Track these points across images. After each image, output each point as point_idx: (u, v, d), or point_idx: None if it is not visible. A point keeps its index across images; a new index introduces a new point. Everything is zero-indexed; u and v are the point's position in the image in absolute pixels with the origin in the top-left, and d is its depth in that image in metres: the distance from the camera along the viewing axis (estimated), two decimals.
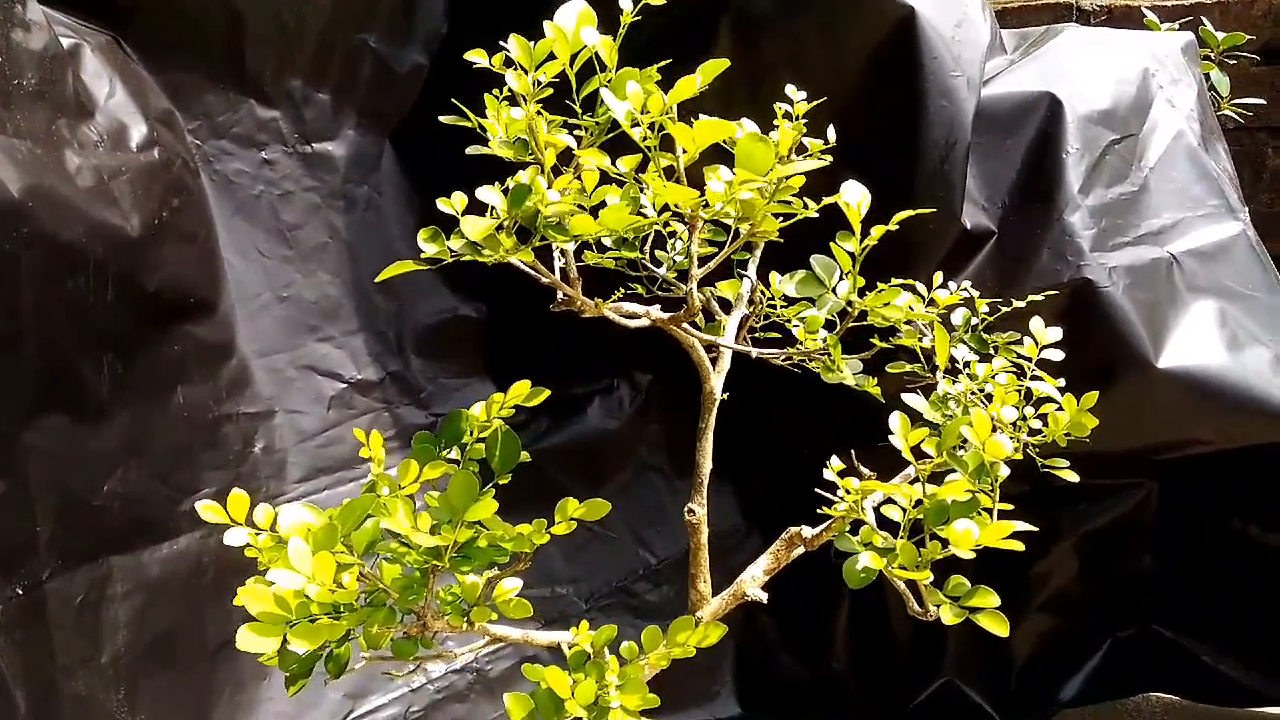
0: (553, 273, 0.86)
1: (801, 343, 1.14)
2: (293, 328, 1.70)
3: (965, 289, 1.14)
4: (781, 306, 1.14)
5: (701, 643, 0.84)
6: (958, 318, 1.15)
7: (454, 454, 0.98)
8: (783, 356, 1.16)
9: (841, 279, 0.75)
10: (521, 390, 0.95)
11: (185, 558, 1.47)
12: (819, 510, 0.87)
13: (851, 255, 0.73)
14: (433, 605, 0.84)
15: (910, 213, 0.74)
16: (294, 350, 1.70)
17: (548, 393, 0.95)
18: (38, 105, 1.31)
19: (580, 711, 0.78)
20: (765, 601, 0.99)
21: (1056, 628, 1.67)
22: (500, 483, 0.98)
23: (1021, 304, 1.13)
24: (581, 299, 0.83)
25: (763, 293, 1.10)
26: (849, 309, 0.77)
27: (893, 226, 0.74)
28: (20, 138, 1.25)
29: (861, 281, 0.75)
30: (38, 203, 1.24)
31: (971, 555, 0.69)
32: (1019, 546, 0.68)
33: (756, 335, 1.16)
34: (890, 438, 0.72)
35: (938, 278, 1.14)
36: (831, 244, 0.75)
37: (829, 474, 0.80)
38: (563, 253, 0.83)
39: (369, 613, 0.78)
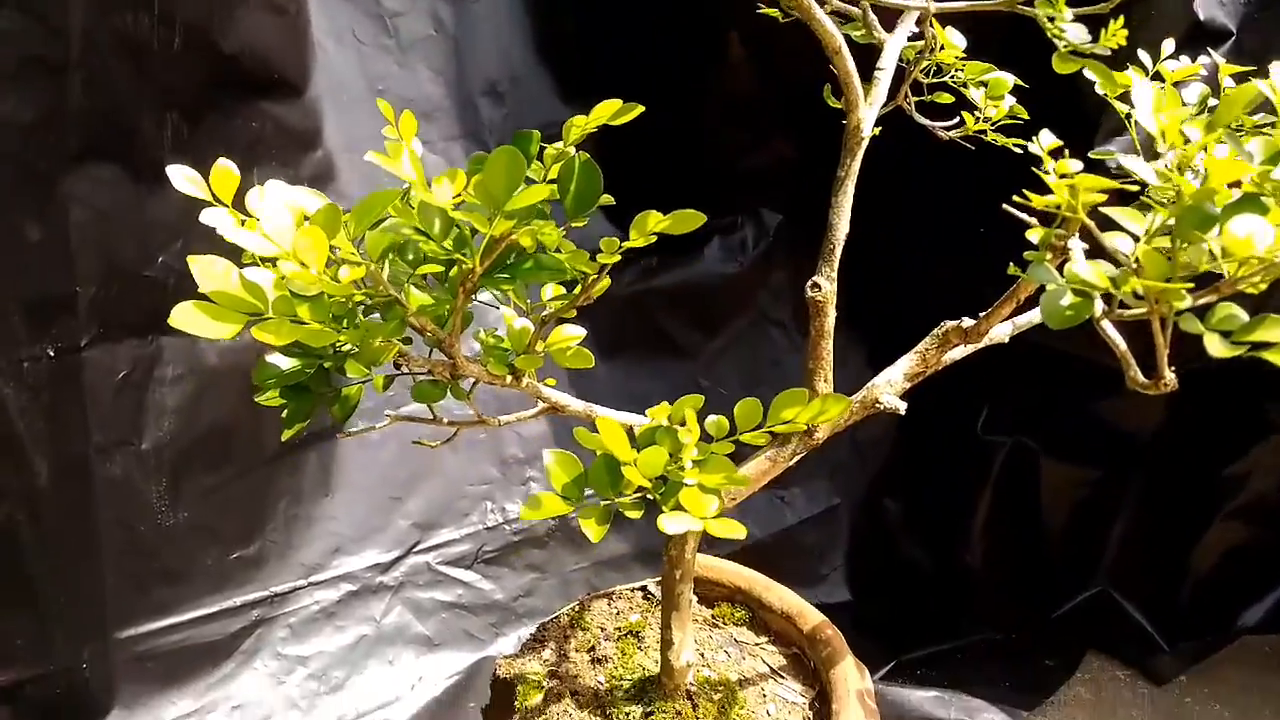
0: None
1: (981, 111, 0.89)
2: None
3: (1206, 59, 0.87)
4: (957, 68, 0.89)
5: (816, 419, 0.62)
6: (1192, 95, 0.88)
7: None
8: (952, 125, 0.91)
9: None
10: (609, 109, 0.74)
11: (247, 352, 1.33)
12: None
13: None
14: (465, 340, 0.64)
15: None
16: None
17: (640, 109, 0.74)
18: None
19: (643, 482, 0.57)
20: (903, 413, 0.76)
21: (1248, 541, 1.38)
22: (575, 225, 0.78)
23: None
24: None
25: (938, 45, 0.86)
26: None
27: None
28: None
29: None
30: None
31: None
32: None
33: (925, 99, 0.92)
34: (1132, 115, 0.47)
35: (1167, 46, 0.87)
36: None
37: (1036, 148, 0.56)
38: None
39: (371, 325, 0.58)
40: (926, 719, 1.29)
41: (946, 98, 0.91)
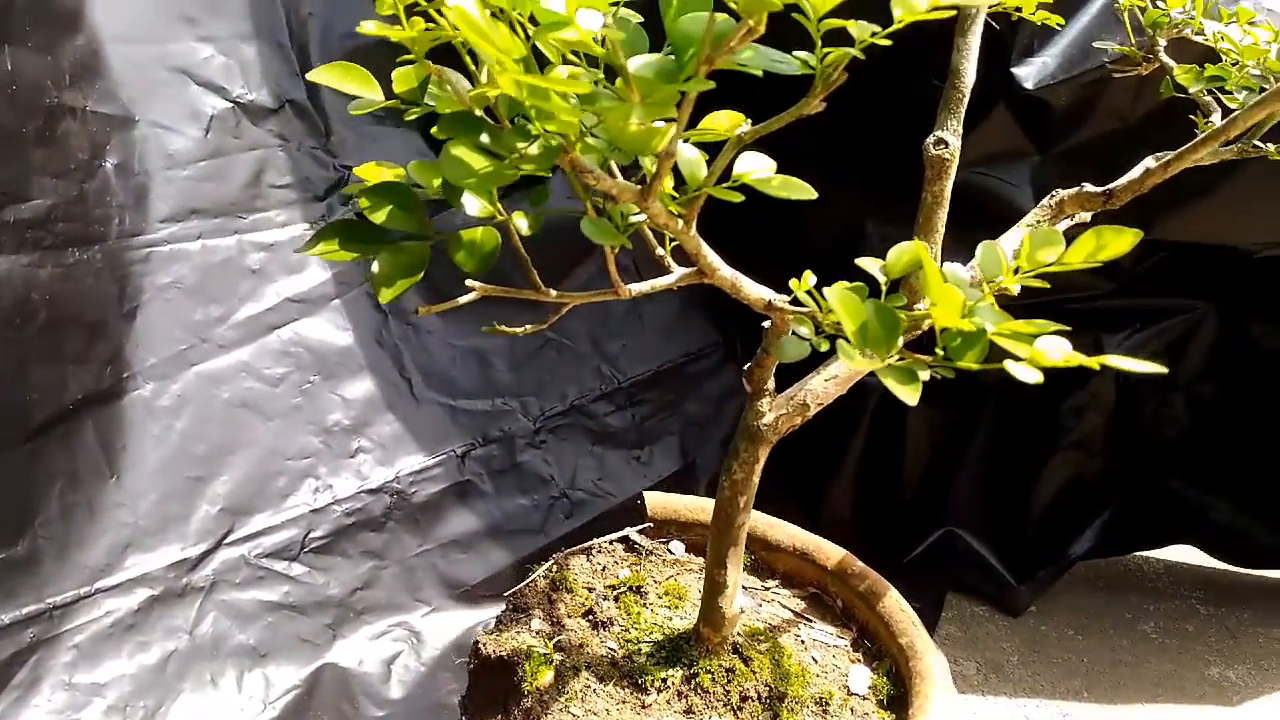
0: None
1: None
2: (164, 14, 1.23)
3: None
4: None
5: (1093, 258, 0.51)
6: None
7: None
8: None
9: None
10: None
11: (6, 289, 0.99)
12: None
13: None
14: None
15: None
16: (163, 44, 1.22)
17: None
18: None
19: (953, 324, 0.44)
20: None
21: (1078, 473, 1.46)
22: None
23: None
24: None
25: None
26: None
27: None
28: None
29: None
30: None
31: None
32: None
33: None
34: None
35: None
36: None
37: None
38: None
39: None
40: None
41: None
